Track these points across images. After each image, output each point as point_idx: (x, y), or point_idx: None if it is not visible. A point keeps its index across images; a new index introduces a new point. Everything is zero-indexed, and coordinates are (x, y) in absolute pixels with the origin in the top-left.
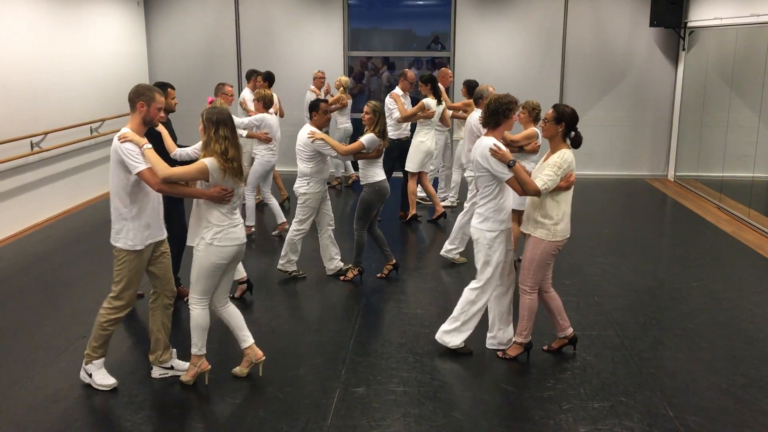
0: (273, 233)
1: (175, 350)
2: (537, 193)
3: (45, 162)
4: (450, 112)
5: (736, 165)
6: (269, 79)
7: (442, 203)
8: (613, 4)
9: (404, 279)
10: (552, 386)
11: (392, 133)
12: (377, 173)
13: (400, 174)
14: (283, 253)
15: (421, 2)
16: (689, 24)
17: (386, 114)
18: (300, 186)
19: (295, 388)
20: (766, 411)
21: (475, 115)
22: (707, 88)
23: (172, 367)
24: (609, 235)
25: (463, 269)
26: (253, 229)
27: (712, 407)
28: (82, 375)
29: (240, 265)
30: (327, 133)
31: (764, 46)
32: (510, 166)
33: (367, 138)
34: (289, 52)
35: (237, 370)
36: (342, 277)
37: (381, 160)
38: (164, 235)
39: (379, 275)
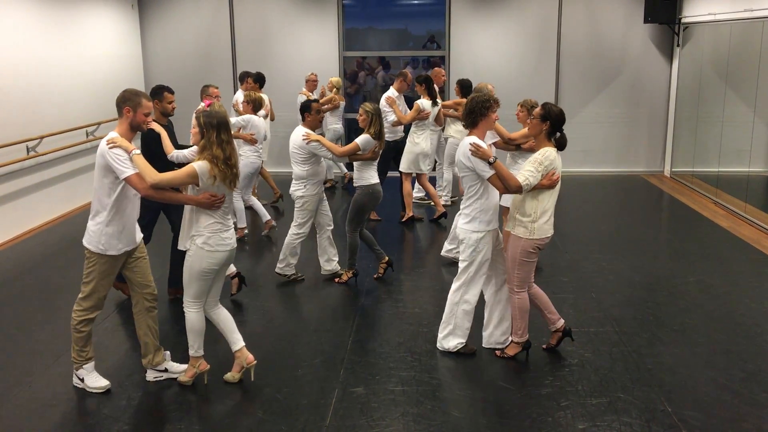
0: (263, 234)
1: (168, 353)
2: (519, 189)
3: (41, 166)
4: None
5: (732, 160)
6: (260, 80)
7: None
8: (607, 0)
9: (401, 279)
10: (550, 383)
11: (387, 135)
12: (372, 176)
13: (396, 174)
14: (281, 257)
15: (416, 1)
16: (683, 20)
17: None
18: (297, 189)
19: (294, 388)
20: (763, 404)
21: None
22: (702, 84)
23: (166, 370)
24: (606, 231)
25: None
26: (245, 231)
27: (709, 402)
28: (75, 381)
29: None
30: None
31: (758, 41)
32: (491, 163)
33: (362, 139)
34: (284, 53)
35: (228, 375)
36: (336, 280)
37: (376, 162)
38: (137, 242)
39: (375, 276)
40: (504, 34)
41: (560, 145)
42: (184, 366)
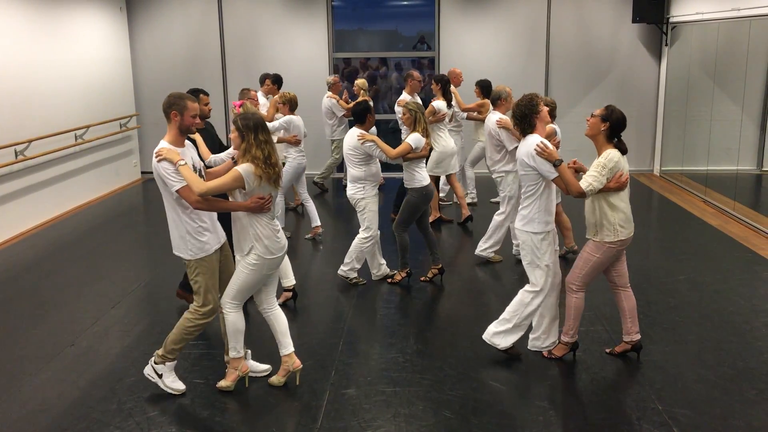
0: (306, 237)
1: (249, 351)
2: (582, 194)
3: (30, 170)
4: (464, 114)
5: (721, 158)
6: (278, 81)
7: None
8: (596, 1)
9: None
10: (541, 382)
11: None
12: (424, 176)
13: (399, 174)
14: (347, 260)
15: (405, 2)
16: (671, 19)
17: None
18: (355, 192)
19: (285, 391)
20: (753, 401)
21: (493, 117)
22: (690, 83)
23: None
24: None
25: (458, 271)
26: (286, 233)
27: (700, 399)
28: (149, 372)
29: (291, 272)
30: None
31: (746, 40)
32: (556, 165)
33: (413, 138)
34: (273, 55)
35: (274, 379)
36: (389, 280)
37: (424, 161)
38: (224, 238)
39: (423, 278)
40: (493, 34)
41: (620, 150)
42: (265, 366)
